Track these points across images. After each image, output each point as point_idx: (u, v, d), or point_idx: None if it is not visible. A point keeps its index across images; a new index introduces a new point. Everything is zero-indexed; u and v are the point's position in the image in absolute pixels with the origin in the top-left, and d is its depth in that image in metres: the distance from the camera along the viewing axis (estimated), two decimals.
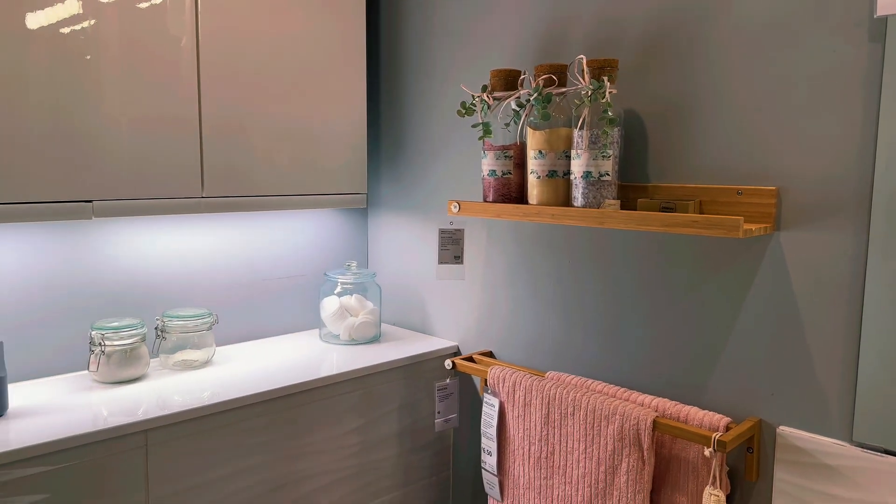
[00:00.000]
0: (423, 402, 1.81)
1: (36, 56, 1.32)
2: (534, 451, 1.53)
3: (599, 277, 1.54)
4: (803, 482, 1.27)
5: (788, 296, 1.27)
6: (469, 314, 1.83)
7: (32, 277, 1.54)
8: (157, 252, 1.72)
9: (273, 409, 1.50)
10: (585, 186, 1.37)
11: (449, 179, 1.83)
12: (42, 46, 1.33)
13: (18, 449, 1.18)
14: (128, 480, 1.31)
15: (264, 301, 1.93)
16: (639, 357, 1.48)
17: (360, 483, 1.69)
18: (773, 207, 1.26)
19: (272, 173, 1.69)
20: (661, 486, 1.39)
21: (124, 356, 1.50)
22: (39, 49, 1.32)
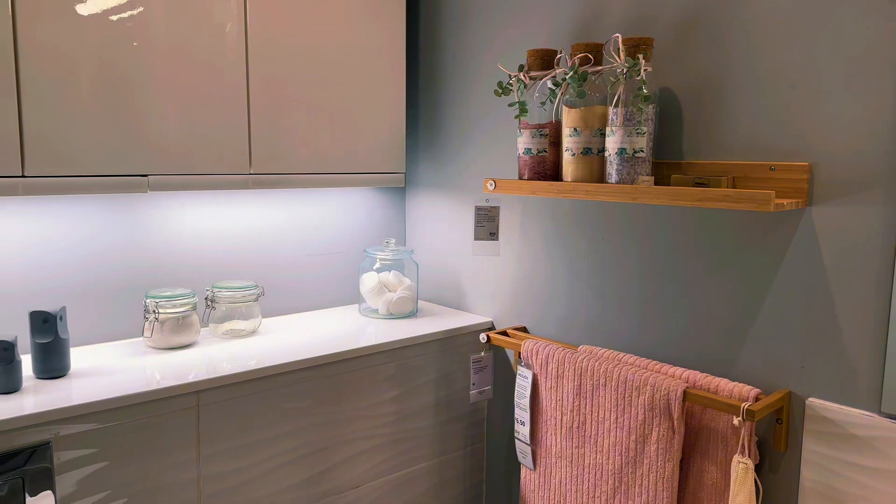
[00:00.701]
0: (458, 375, 1.86)
1: (88, 40, 1.40)
2: (566, 421, 1.58)
3: (634, 254, 1.57)
4: (832, 453, 1.29)
5: (819, 270, 1.29)
6: (504, 291, 1.87)
7: (92, 248, 1.63)
8: (208, 226, 1.80)
9: (315, 377, 1.57)
10: (620, 163, 1.41)
11: (485, 159, 1.87)
12: (93, 31, 1.40)
13: (81, 405, 1.26)
14: (180, 438, 1.39)
15: (306, 276, 2.00)
16: (671, 331, 1.52)
17: (397, 450, 1.75)
18: (805, 183, 1.28)
19: (316, 153, 1.75)
20: (691, 455, 1.42)
21: (177, 323, 1.58)
22: (91, 33, 1.40)
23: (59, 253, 1.58)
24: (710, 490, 1.39)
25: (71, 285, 1.60)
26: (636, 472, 1.45)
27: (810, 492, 1.32)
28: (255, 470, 1.50)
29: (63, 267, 1.59)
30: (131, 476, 1.33)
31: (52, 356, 1.38)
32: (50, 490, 1.24)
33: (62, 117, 1.37)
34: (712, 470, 1.39)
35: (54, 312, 1.38)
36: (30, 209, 1.54)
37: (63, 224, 1.59)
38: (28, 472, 1.22)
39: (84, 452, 1.28)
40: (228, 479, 1.46)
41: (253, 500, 1.50)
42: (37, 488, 1.23)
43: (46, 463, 1.24)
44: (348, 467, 1.66)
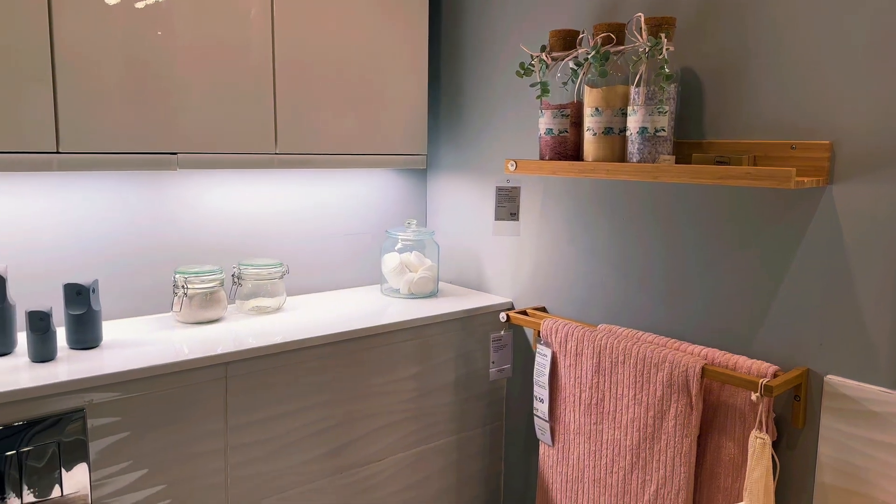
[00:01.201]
0: (478, 354, 1.89)
1: (116, 25, 1.43)
2: (584, 398, 1.60)
3: (654, 234, 1.59)
4: (849, 429, 1.31)
5: (839, 248, 1.30)
6: (523, 272, 1.90)
7: (123, 224, 1.67)
8: (234, 205, 1.84)
9: (338, 352, 1.61)
10: (641, 142, 1.42)
11: (505, 141, 1.89)
12: (121, 18, 1.43)
13: (114, 373, 1.31)
14: (209, 409, 1.43)
15: (329, 256, 2.03)
16: (690, 310, 1.53)
17: (417, 426, 1.79)
18: (826, 161, 1.29)
19: (339, 134, 1.78)
20: (709, 431, 1.44)
21: (205, 299, 1.62)
22: (119, 20, 1.43)
23: (91, 228, 1.63)
24: (728, 466, 1.41)
25: (103, 260, 1.65)
26: (654, 448, 1.47)
27: (827, 468, 1.34)
28: (279, 441, 1.54)
29: (95, 242, 1.64)
30: (161, 444, 1.38)
31: (85, 327, 1.42)
32: (83, 456, 1.29)
33: (94, 97, 1.41)
34: (730, 446, 1.41)
35: (87, 285, 1.42)
36: (64, 185, 1.59)
37: (96, 200, 1.63)
38: (63, 438, 1.27)
39: (116, 420, 1.32)
40: (254, 449, 1.50)
41: (277, 470, 1.54)
42: (71, 454, 1.28)
43: (80, 429, 1.28)
44: (370, 441, 1.70)
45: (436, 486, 1.85)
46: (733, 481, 1.41)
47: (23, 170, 1.36)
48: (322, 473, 1.62)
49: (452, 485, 1.89)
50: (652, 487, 1.48)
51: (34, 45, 1.34)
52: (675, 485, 1.44)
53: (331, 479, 1.64)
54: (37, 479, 1.25)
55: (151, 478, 1.37)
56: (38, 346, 1.34)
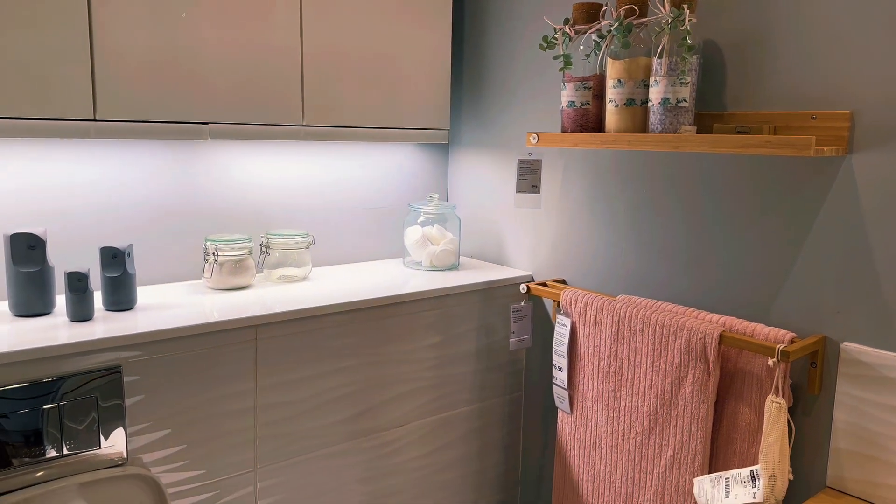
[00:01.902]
0: (498, 326, 1.93)
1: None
2: (603, 367, 1.64)
3: (675, 205, 1.61)
4: (865, 395, 1.33)
5: (857, 216, 1.32)
6: (544, 245, 1.93)
7: (156, 192, 1.72)
8: (262, 176, 1.88)
9: (362, 319, 1.65)
10: (662, 113, 1.44)
11: (527, 116, 1.92)
12: None
13: (149, 332, 1.36)
14: (240, 370, 1.48)
15: (353, 229, 2.07)
16: (709, 280, 1.56)
17: (438, 393, 1.83)
18: (846, 131, 1.31)
19: (364, 107, 1.82)
20: (725, 397, 1.47)
21: (235, 266, 1.67)
22: None
23: (126, 196, 1.68)
24: (744, 431, 1.44)
25: (136, 227, 1.70)
26: (671, 414, 1.51)
27: (843, 433, 1.37)
28: (306, 403, 1.59)
29: (130, 209, 1.69)
30: (194, 402, 1.43)
31: (121, 289, 1.48)
32: (120, 411, 1.34)
33: (130, 67, 1.46)
34: (746, 412, 1.44)
35: (123, 248, 1.47)
36: (101, 153, 1.64)
37: (131, 169, 1.68)
38: (100, 393, 1.32)
39: (151, 378, 1.37)
40: (282, 410, 1.55)
41: (304, 430, 1.59)
42: (108, 409, 1.33)
43: (117, 385, 1.34)
44: (392, 406, 1.74)
45: (455, 454, 1.90)
46: (749, 446, 1.44)
47: (61, 136, 1.41)
48: (346, 436, 1.67)
49: (472, 452, 1.93)
50: (668, 452, 1.51)
51: (73, 17, 1.38)
52: (692, 450, 1.48)
53: (354, 442, 1.69)
54: (75, 432, 1.31)
55: (184, 434, 1.43)
56: (77, 306, 1.40)
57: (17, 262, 1.40)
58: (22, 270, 1.40)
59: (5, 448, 1.24)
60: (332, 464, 1.65)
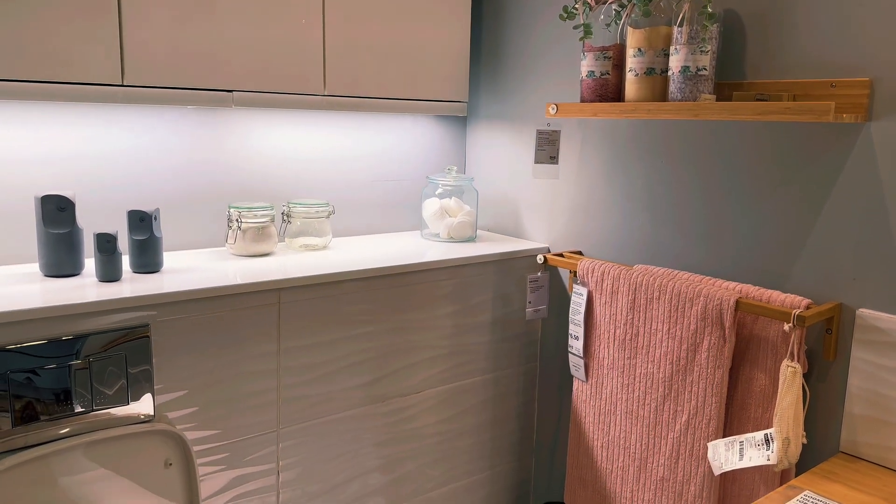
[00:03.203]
0: (514, 297, 1.95)
1: None
2: (618, 335, 1.66)
3: (692, 175, 1.62)
4: (880, 360, 1.35)
5: (875, 184, 1.33)
6: (560, 218, 1.95)
7: (180, 159, 1.75)
8: (284, 146, 1.91)
9: (382, 286, 1.68)
10: (682, 81, 1.46)
11: (545, 87, 1.93)
12: None
13: (177, 292, 1.39)
14: (263, 332, 1.51)
15: (371, 200, 2.10)
16: (726, 249, 1.57)
17: (454, 362, 1.86)
18: (865, 98, 1.32)
19: (384, 80, 1.84)
20: (741, 363, 1.49)
21: (258, 233, 1.70)
22: None
23: (151, 163, 1.71)
24: (759, 396, 1.46)
25: (161, 194, 1.73)
26: (686, 380, 1.53)
27: (857, 398, 1.38)
28: (327, 367, 1.62)
29: (155, 176, 1.72)
30: (220, 362, 1.47)
31: (148, 252, 1.51)
32: (148, 369, 1.38)
33: (157, 33, 1.48)
34: (761, 377, 1.46)
35: (150, 212, 1.50)
36: (128, 119, 1.67)
37: (157, 135, 1.71)
38: (128, 351, 1.36)
39: (178, 337, 1.41)
40: (303, 372, 1.59)
41: (325, 393, 1.63)
42: (136, 366, 1.37)
43: (145, 343, 1.37)
44: (410, 373, 1.77)
45: (471, 421, 1.93)
46: (763, 411, 1.46)
47: (90, 101, 1.44)
48: (364, 401, 1.70)
49: (487, 421, 1.96)
50: (683, 417, 1.54)
51: None
52: (707, 414, 1.50)
53: (372, 406, 1.72)
54: (104, 388, 1.35)
55: (210, 393, 1.46)
56: (106, 267, 1.43)
57: (48, 223, 1.43)
58: (52, 232, 1.43)
59: (36, 403, 1.28)
60: (351, 427, 1.69)
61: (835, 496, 1.26)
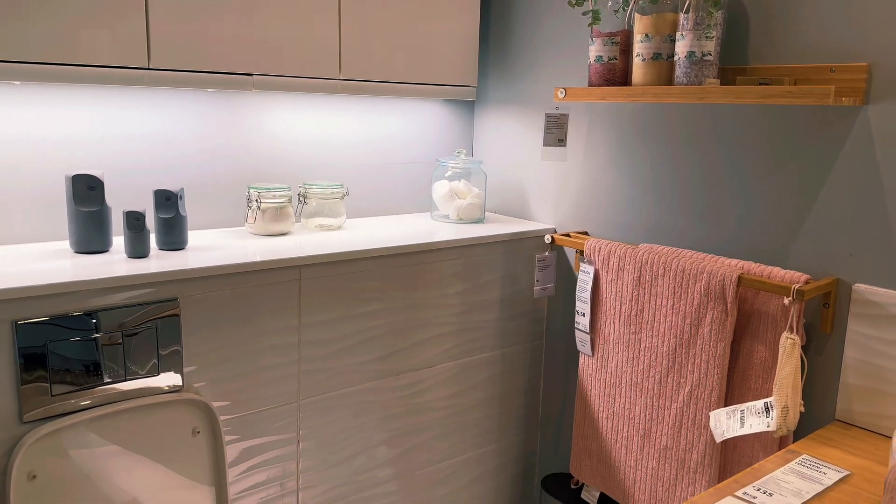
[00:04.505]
0: (522, 276, 2.02)
1: None
2: (624, 311, 1.73)
3: (695, 157, 1.69)
4: (875, 332, 1.42)
5: (872, 165, 1.40)
6: (567, 200, 2.01)
7: (201, 142, 1.80)
8: (299, 130, 1.96)
9: (394, 265, 1.74)
10: (688, 66, 1.52)
11: (553, 72, 1.99)
12: None
13: (204, 267, 1.45)
14: (285, 306, 1.58)
15: (382, 183, 2.16)
16: (728, 228, 1.64)
17: (464, 339, 1.93)
18: (863, 82, 1.38)
19: (396, 64, 1.89)
20: (742, 336, 1.56)
21: (276, 213, 1.76)
22: None
23: (173, 145, 1.76)
24: (759, 368, 1.53)
25: (183, 174, 1.79)
26: (689, 353, 1.60)
27: (852, 369, 1.46)
28: (344, 341, 1.69)
29: (176, 158, 1.77)
30: (245, 334, 1.53)
31: (174, 230, 1.57)
32: (177, 341, 1.44)
33: (181, 18, 1.53)
34: (761, 350, 1.53)
35: (175, 191, 1.56)
36: (152, 101, 1.72)
37: (179, 118, 1.76)
38: (158, 324, 1.42)
39: (205, 311, 1.47)
40: (322, 347, 1.65)
41: (342, 367, 1.69)
42: (166, 339, 1.43)
43: (174, 317, 1.43)
44: (422, 348, 1.84)
45: (479, 396, 2.00)
46: (763, 382, 1.53)
47: (118, 83, 1.49)
48: (378, 374, 1.77)
49: (494, 396, 2.03)
50: (686, 389, 1.61)
51: None
52: (709, 386, 1.57)
53: (386, 380, 1.79)
54: (135, 359, 1.41)
55: (234, 365, 1.53)
56: (134, 243, 1.49)
57: (79, 201, 1.49)
58: (83, 210, 1.49)
59: (72, 373, 1.34)
60: (366, 399, 1.76)
61: (831, 459, 1.33)
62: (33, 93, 1.57)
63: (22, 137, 1.57)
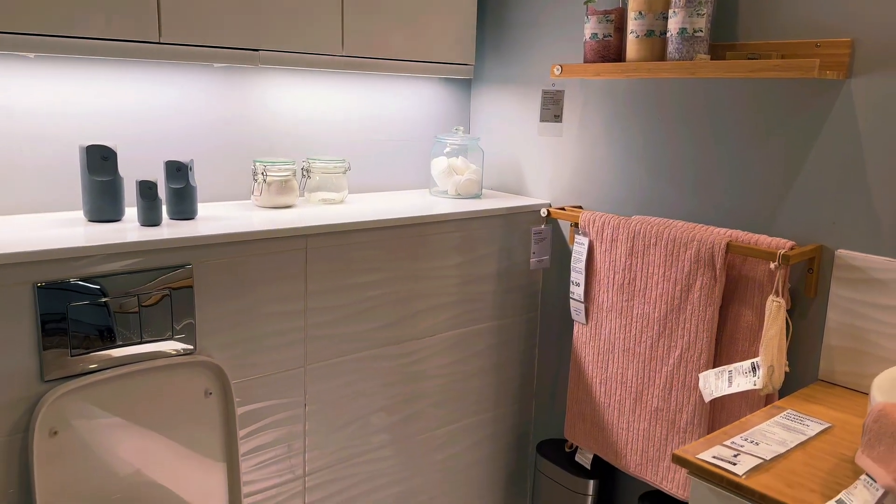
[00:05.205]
0: (518, 250, 2.08)
1: None
2: (617, 280, 1.80)
3: (686, 131, 1.76)
4: (856, 295, 1.50)
5: (854, 136, 1.47)
6: (562, 176, 2.07)
7: (207, 118, 1.85)
8: (302, 106, 2.01)
9: (395, 236, 1.80)
10: (680, 42, 1.58)
11: (548, 51, 2.05)
12: None
13: (215, 234, 1.50)
14: (292, 274, 1.63)
15: (383, 159, 2.21)
16: (717, 199, 1.71)
17: (462, 309, 1.99)
18: (846, 57, 1.45)
19: (397, 42, 1.94)
20: (730, 301, 1.64)
21: (281, 185, 1.81)
22: None
23: (182, 118, 1.81)
24: (746, 331, 1.61)
25: (190, 148, 1.83)
26: (679, 318, 1.67)
27: (835, 332, 1.53)
28: (346, 310, 1.75)
29: (185, 130, 1.82)
30: (254, 300, 1.58)
31: (184, 200, 1.62)
32: (190, 306, 1.50)
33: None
34: (748, 314, 1.60)
35: (186, 162, 1.61)
36: (163, 75, 1.76)
37: (188, 92, 1.80)
38: (172, 288, 1.47)
39: (217, 278, 1.52)
40: (327, 313, 1.71)
41: (344, 334, 1.75)
42: (179, 304, 1.48)
43: (187, 282, 1.49)
44: (423, 317, 1.90)
45: (477, 365, 2.07)
46: (750, 345, 1.61)
47: (129, 56, 1.53)
48: (380, 342, 1.83)
49: (491, 365, 2.10)
50: (676, 352, 1.68)
51: None
52: (698, 349, 1.64)
53: (387, 348, 1.85)
54: (150, 322, 1.46)
55: (244, 330, 1.58)
56: (147, 212, 1.54)
57: (93, 171, 1.53)
58: (96, 179, 1.54)
59: (89, 335, 1.39)
60: (368, 366, 1.82)
61: (814, 414, 1.41)
62: (48, 66, 1.61)
63: (36, 110, 1.61)
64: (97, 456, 1.42)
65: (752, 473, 1.18)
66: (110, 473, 1.44)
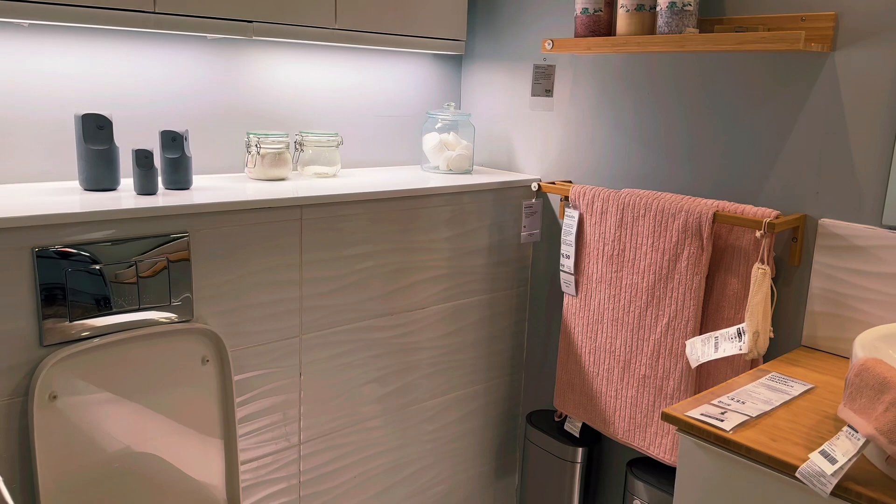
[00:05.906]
0: (509, 224, 2.11)
1: None
2: (607, 251, 1.83)
3: (675, 105, 1.79)
4: (838, 262, 1.54)
5: (837, 108, 1.51)
6: (552, 151, 2.10)
7: (201, 91, 1.85)
8: (295, 79, 2.02)
9: (389, 209, 1.82)
10: (669, 16, 1.61)
11: (539, 26, 2.07)
12: None
13: (210, 203, 1.52)
14: (288, 244, 1.65)
15: (374, 134, 2.23)
16: (705, 171, 1.75)
17: (455, 282, 2.02)
18: (831, 30, 1.49)
19: (389, 16, 1.96)
20: (716, 270, 1.68)
21: (274, 158, 1.83)
22: None
23: (176, 89, 1.81)
24: (732, 299, 1.65)
25: (184, 119, 1.84)
26: (667, 287, 1.71)
27: (817, 298, 1.58)
28: (341, 280, 1.77)
29: (179, 101, 1.82)
30: (250, 269, 1.60)
31: (179, 170, 1.63)
32: (188, 273, 1.51)
33: None
34: (734, 282, 1.65)
35: (181, 132, 1.62)
36: (159, 46, 1.76)
37: (182, 63, 1.81)
38: (170, 256, 1.49)
39: (213, 247, 1.54)
40: (322, 284, 1.73)
41: (339, 305, 1.78)
42: (178, 271, 1.50)
43: (185, 250, 1.50)
44: (416, 290, 1.93)
45: (469, 337, 2.10)
46: (735, 313, 1.65)
47: (124, 25, 1.54)
48: (374, 313, 1.86)
49: (483, 336, 2.14)
50: (664, 320, 1.72)
51: None
52: (685, 317, 1.69)
53: (381, 318, 1.88)
54: (148, 290, 1.48)
55: (243, 298, 1.60)
56: (143, 181, 1.55)
57: (88, 140, 1.54)
58: (92, 148, 1.54)
59: (87, 302, 1.41)
60: (362, 336, 1.84)
61: (797, 376, 1.46)
62: (43, 36, 1.61)
63: (32, 79, 1.62)
64: (96, 420, 1.43)
65: (739, 429, 1.22)
66: (109, 437, 1.46)
